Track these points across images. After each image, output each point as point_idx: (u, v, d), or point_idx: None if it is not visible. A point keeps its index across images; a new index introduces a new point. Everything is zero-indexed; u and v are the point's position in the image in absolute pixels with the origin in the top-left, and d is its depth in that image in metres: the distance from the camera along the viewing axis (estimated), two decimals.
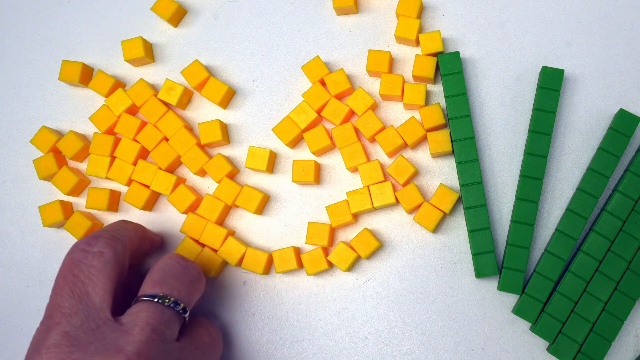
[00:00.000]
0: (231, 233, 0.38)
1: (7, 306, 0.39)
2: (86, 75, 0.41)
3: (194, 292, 0.33)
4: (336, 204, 0.37)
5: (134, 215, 0.40)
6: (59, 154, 0.40)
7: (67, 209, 0.39)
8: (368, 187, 0.37)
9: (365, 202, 0.36)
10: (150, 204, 0.39)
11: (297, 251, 0.37)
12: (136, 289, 0.32)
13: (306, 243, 0.37)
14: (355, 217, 0.38)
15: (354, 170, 0.38)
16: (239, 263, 0.37)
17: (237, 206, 0.38)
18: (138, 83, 0.40)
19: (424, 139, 0.38)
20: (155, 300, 0.30)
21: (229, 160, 0.39)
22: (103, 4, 0.43)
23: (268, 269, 0.38)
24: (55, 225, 0.39)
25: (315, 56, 0.39)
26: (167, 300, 0.31)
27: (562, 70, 0.37)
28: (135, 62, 0.41)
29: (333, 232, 0.38)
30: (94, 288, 0.30)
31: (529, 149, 0.36)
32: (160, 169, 0.38)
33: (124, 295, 0.33)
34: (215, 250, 0.37)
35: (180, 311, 0.31)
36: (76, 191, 0.39)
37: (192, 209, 0.38)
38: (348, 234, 0.38)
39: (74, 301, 0.29)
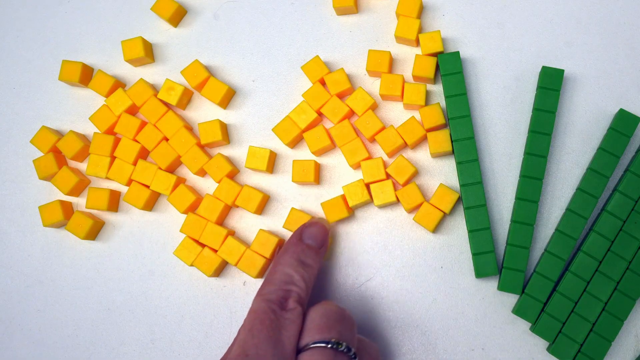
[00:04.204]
0: (231, 233, 0.38)
1: (7, 306, 0.39)
2: (86, 75, 0.41)
3: (355, 336, 0.31)
4: (331, 200, 0.37)
5: (134, 215, 0.40)
6: (59, 154, 0.40)
7: (67, 209, 0.39)
8: (368, 185, 0.37)
9: (362, 194, 0.36)
10: (150, 204, 0.39)
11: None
12: None
13: (283, 227, 0.37)
14: (351, 210, 0.37)
15: (357, 167, 0.38)
16: (239, 263, 0.37)
17: (237, 206, 0.38)
18: (138, 83, 0.40)
19: (424, 139, 0.38)
20: (329, 346, 0.29)
21: (229, 160, 0.39)
22: (103, 4, 0.43)
23: (263, 272, 0.37)
24: (55, 225, 0.39)
25: (315, 56, 0.39)
26: (340, 346, 0.29)
27: (562, 70, 0.37)
28: (135, 62, 0.41)
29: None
30: (289, 337, 0.30)
31: (529, 149, 0.36)
32: (160, 169, 0.38)
33: None
34: (215, 251, 0.37)
35: (352, 356, 0.30)
36: (76, 191, 0.39)
37: (192, 209, 0.38)
38: (347, 232, 0.38)
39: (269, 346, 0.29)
